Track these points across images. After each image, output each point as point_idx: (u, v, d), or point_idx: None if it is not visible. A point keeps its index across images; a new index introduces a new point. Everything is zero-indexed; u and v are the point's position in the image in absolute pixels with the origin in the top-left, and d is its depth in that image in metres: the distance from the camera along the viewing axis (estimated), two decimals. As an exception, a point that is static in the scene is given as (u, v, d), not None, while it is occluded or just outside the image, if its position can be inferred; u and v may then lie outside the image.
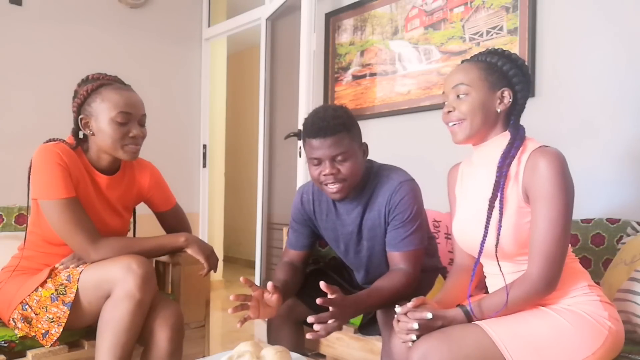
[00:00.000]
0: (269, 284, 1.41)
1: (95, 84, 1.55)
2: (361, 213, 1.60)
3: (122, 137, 1.54)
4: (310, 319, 1.31)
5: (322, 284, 1.31)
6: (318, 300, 1.30)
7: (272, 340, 1.69)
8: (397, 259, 1.55)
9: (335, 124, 1.46)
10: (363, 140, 1.59)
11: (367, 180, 1.60)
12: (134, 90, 1.61)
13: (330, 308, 1.32)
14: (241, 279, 1.38)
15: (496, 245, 1.22)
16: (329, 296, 1.33)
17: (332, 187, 1.51)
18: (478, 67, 1.30)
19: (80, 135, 1.61)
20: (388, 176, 1.58)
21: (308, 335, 1.35)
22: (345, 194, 1.53)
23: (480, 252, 1.25)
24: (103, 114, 1.52)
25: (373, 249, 1.63)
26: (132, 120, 1.55)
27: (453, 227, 1.41)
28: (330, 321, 1.31)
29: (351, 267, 1.77)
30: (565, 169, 1.19)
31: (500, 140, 1.30)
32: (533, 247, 1.19)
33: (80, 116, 1.55)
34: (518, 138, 1.26)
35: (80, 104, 1.55)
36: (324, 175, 1.49)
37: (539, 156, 1.20)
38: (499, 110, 1.29)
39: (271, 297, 1.41)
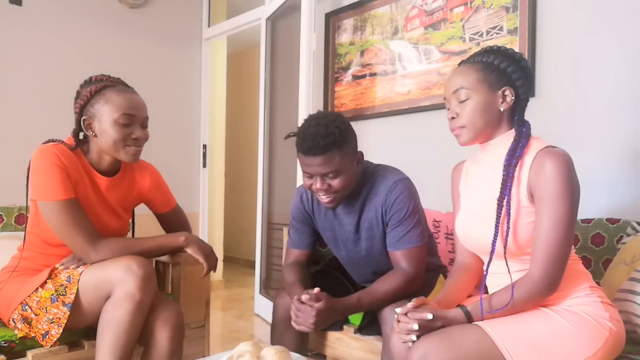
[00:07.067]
0: (313, 291, 1.46)
1: (98, 86, 1.54)
2: (358, 214, 1.61)
3: (125, 139, 1.54)
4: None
5: (304, 297, 1.43)
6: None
7: (275, 343, 1.68)
8: (398, 257, 1.55)
9: (325, 144, 1.44)
10: (359, 148, 1.59)
11: (363, 181, 1.61)
12: (137, 93, 1.61)
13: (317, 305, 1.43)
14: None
15: (505, 246, 1.22)
16: (315, 305, 1.42)
17: (324, 199, 1.54)
18: (475, 68, 1.29)
19: (81, 136, 1.61)
20: (383, 176, 1.59)
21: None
22: (337, 203, 1.57)
23: (492, 251, 1.24)
24: (106, 115, 1.52)
25: (372, 249, 1.63)
26: (135, 122, 1.55)
27: (456, 225, 1.41)
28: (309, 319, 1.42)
29: (348, 268, 1.77)
30: (571, 170, 1.19)
31: (506, 138, 1.29)
32: (536, 247, 1.19)
33: (83, 117, 1.54)
34: (524, 136, 1.25)
35: (83, 105, 1.54)
36: (316, 188, 1.52)
37: (545, 157, 1.20)
38: (502, 110, 1.28)
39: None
